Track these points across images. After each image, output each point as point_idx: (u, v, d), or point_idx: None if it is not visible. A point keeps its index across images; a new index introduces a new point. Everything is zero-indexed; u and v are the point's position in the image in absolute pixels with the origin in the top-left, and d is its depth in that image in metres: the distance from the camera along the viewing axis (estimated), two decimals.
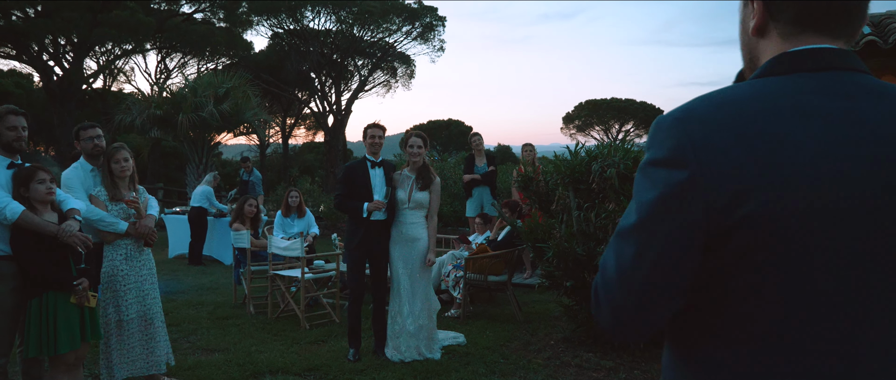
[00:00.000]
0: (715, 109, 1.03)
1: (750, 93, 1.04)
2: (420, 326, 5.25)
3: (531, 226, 5.86)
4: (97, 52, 24.24)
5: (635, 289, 1.05)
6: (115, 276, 4.29)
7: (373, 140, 5.34)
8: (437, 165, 15.63)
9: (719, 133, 1.00)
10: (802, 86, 1.03)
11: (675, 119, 1.04)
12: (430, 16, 28.48)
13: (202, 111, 15.05)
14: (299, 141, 36.92)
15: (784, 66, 1.06)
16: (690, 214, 1.00)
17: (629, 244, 1.05)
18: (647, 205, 1.04)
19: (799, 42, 1.07)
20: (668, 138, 1.03)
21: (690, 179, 0.99)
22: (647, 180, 1.05)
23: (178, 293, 8.14)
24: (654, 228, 1.03)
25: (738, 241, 0.99)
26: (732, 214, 0.98)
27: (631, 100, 43.48)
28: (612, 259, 1.09)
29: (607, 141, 28.23)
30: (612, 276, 1.08)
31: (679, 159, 1.00)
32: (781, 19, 1.08)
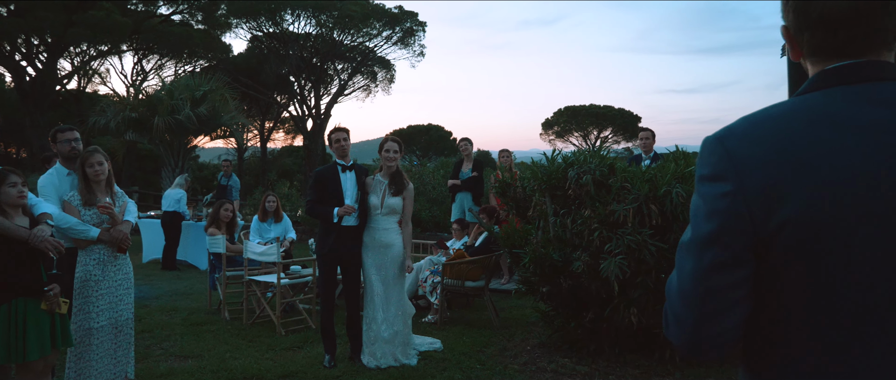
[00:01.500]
0: (752, 126, 1.12)
1: (786, 109, 1.12)
2: (395, 332, 5.24)
3: (508, 232, 5.88)
4: (72, 53, 23.92)
5: (696, 301, 1.11)
6: (88, 281, 4.21)
7: (339, 144, 5.30)
8: (417, 170, 15.61)
9: (756, 146, 1.08)
10: (838, 98, 1.10)
11: (717, 138, 1.13)
12: (411, 21, 28.49)
13: (179, 114, 14.90)
14: (278, 145, 36.69)
15: (823, 81, 1.13)
16: (736, 225, 1.07)
17: (687, 259, 1.13)
18: (698, 219, 1.12)
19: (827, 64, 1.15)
20: (711, 156, 1.12)
21: (732, 190, 1.07)
22: (697, 197, 1.15)
23: (151, 299, 8.04)
24: (706, 239, 1.10)
25: (781, 247, 1.06)
26: (772, 219, 1.05)
27: (609, 106, 43.84)
28: (674, 277, 1.17)
29: (586, 147, 28.39)
30: (674, 292, 1.15)
31: (721, 173, 1.09)
32: (806, 51, 1.18)
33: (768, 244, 1.07)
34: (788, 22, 1.18)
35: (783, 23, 1.20)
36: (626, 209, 4.68)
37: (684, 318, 1.13)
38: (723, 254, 1.08)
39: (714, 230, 1.09)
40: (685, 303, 1.12)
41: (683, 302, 1.13)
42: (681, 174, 4.78)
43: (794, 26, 1.16)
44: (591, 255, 4.80)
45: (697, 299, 1.11)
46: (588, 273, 4.83)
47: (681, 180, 4.72)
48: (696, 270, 1.11)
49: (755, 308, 1.12)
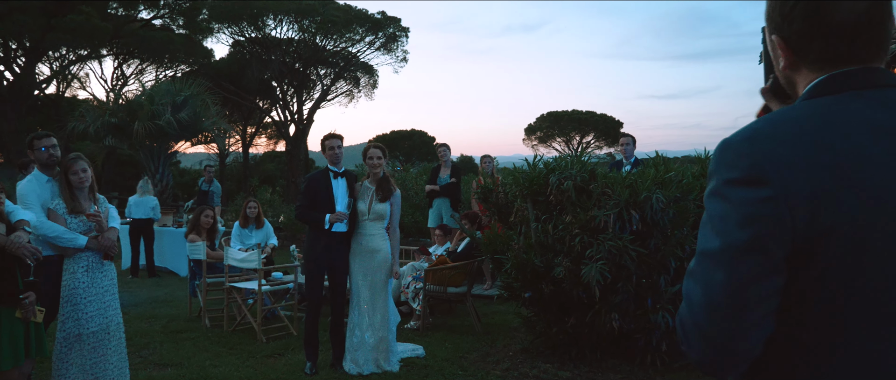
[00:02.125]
0: (779, 128, 1.07)
1: (810, 112, 1.08)
2: (379, 338, 5.22)
3: (490, 237, 5.89)
4: (50, 57, 23.64)
5: (729, 316, 1.04)
6: (76, 288, 4.15)
7: (332, 151, 5.30)
8: (400, 175, 15.60)
9: (793, 149, 1.03)
10: (860, 102, 1.07)
11: (746, 139, 1.07)
12: (394, 26, 28.49)
13: (159, 119, 14.76)
14: (260, 150, 36.51)
15: (835, 85, 1.10)
16: (776, 231, 1.01)
17: (717, 270, 1.05)
18: (730, 226, 1.04)
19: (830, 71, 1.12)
20: (741, 157, 1.05)
21: (773, 195, 1.01)
22: (725, 202, 1.06)
23: (131, 306, 7.94)
24: (742, 249, 1.02)
25: (822, 255, 1.01)
26: (815, 228, 1.00)
27: (591, 112, 44.08)
28: (697, 289, 1.08)
29: (569, 152, 28.48)
30: (701, 305, 1.07)
31: (758, 177, 1.02)
32: (808, 59, 1.14)
33: (809, 253, 1.02)
34: (791, 31, 1.13)
35: (773, 32, 1.17)
36: (606, 215, 4.71)
37: (713, 333, 1.05)
38: (763, 263, 1.02)
39: (753, 237, 1.01)
40: (715, 317, 1.05)
41: (713, 316, 1.05)
42: (661, 180, 4.83)
43: (803, 35, 1.11)
44: (573, 260, 4.83)
45: (732, 313, 1.04)
46: (569, 279, 4.85)
47: (661, 186, 4.76)
48: (730, 281, 1.03)
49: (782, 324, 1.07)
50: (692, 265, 1.10)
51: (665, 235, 4.79)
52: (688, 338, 1.10)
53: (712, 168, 1.10)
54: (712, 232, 1.06)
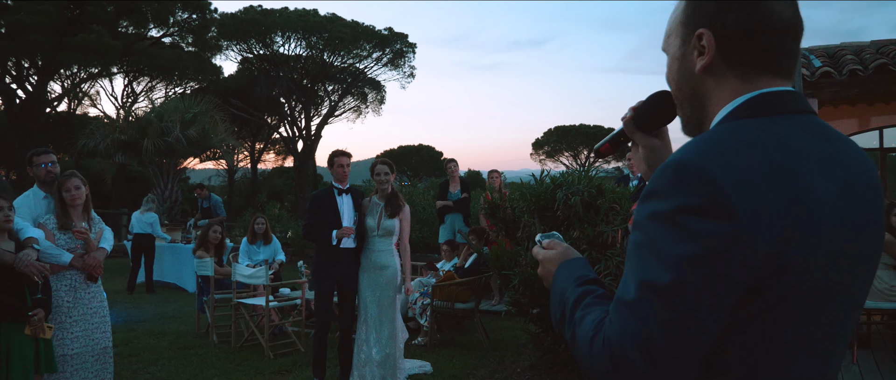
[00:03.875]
0: (743, 151, 0.97)
1: (764, 135, 1.00)
2: (387, 355, 5.20)
3: (497, 253, 5.88)
4: (62, 75, 23.88)
5: (670, 359, 0.93)
6: (60, 307, 4.11)
7: (340, 168, 5.32)
8: (407, 190, 15.61)
9: (756, 179, 0.93)
10: (796, 128, 1.02)
11: (711, 161, 0.95)
12: (401, 42, 28.66)
13: (168, 136, 14.88)
14: (268, 166, 36.63)
15: (769, 106, 1.04)
16: (736, 271, 0.91)
17: (662, 308, 0.93)
18: (684, 261, 0.92)
19: (758, 84, 1.06)
20: (705, 183, 0.93)
21: (737, 230, 0.90)
22: (678, 231, 0.93)
23: (139, 322, 7.96)
24: (695, 288, 0.91)
25: (770, 292, 0.95)
26: (774, 265, 0.93)
27: (599, 126, 44.07)
28: (636, 324, 0.95)
29: (576, 167, 28.41)
30: (637, 343, 0.94)
31: (722, 208, 0.91)
32: (737, 61, 1.06)
33: (758, 290, 0.94)
34: (728, 22, 1.05)
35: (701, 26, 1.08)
36: (614, 230, 4.69)
37: (651, 375, 0.94)
38: (715, 305, 0.92)
39: (710, 276, 0.91)
40: (653, 358, 0.93)
41: (651, 356, 0.93)
42: None
43: (741, 28, 1.04)
44: None
45: (674, 357, 0.93)
46: None
47: None
48: (678, 323, 0.92)
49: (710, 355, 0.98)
50: (629, 295, 0.97)
51: None
52: (613, 371, 0.97)
53: (662, 187, 0.97)
54: (658, 262, 0.94)
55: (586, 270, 1.22)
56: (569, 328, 1.11)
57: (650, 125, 1.27)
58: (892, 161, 10.23)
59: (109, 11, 22.49)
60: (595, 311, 1.07)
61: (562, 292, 1.19)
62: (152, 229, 10.75)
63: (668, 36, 1.17)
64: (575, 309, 1.11)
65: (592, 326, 1.04)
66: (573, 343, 1.09)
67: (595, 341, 1.01)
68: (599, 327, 1.02)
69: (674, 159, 0.98)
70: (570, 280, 1.19)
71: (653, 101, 1.25)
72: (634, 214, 1.04)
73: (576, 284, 1.17)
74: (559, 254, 1.30)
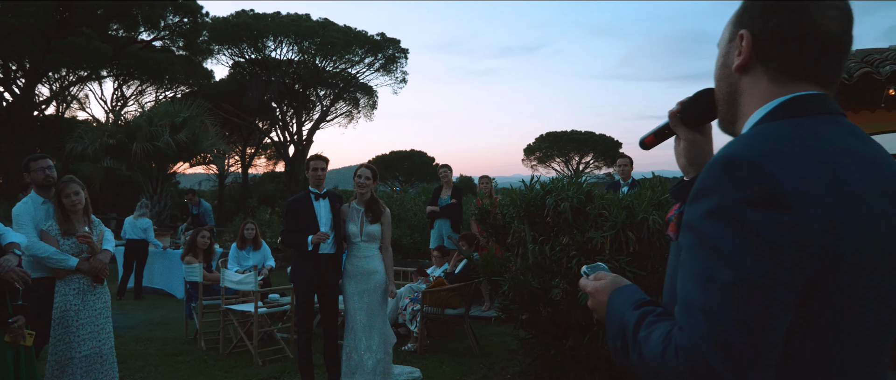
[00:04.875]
0: (791, 146, 0.99)
1: (802, 133, 1.02)
2: (377, 361, 5.16)
3: (488, 259, 5.86)
4: (50, 78, 23.72)
5: (749, 357, 0.92)
6: (68, 311, 4.16)
7: (316, 172, 5.28)
8: (398, 196, 15.58)
9: (810, 171, 0.96)
10: (837, 128, 1.05)
11: (763, 155, 0.97)
12: (393, 48, 28.69)
13: (158, 141, 14.79)
14: (259, 171, 36.52)
15: (809, 107, 1.06)
16: (799, 258, 0.93)
17: (736, 305, 0.92)
18: (745, 255, 0.92)
19: (791, 89, 1.09)
20: (759, 175, 0.94)
21: (795, 220, 0.92)
22: (736, 225, 0.94)
23: (126, 329, 7.88)
24: (763, 281, 0.92)
25: (825, 287, 0.96)
26: (829, 257, 0.94)
27: (590, 132, 44.24)
28: (707, 325, 0.94)
29: (568, 173, 28.50)
30: (714, 345, 0.93)
31: (779, 199, 0.93)
32: (772, 66, 1.09)
33: (815, 284, 0.95)
34: (766, 27, 1.08)
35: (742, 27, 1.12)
36: (603, 236, 4.68)
37: (737, 377, 0.92)
38: (784, 297, 0.92)
39: (776, 268, 0.91)
40: (735, 358, 0.91)
41: (732, 357, 0.91)
42: (657, 201, 4.81)
43: (779, 34, 1.07)
44: (570, 282, 4.79)
45: (757, 352, 0.92)
46: (567, 300, 4.81)
47: (657, 207, 4.74)
48: (754, 317, 0.91)
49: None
50: (695, 299, 0.97)
51: (662, 257, 4.76)
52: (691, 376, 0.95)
53: (712, 184, 0.98)
54: (718, 259, 0.94)
55: (640, 295, 1.20)
56: (634, 351, 1.08)
57: (695, 120, 1.32)
58: None
59: (99, 14, 22.38)
60: (660, 326, 1.05)
61: (620, 318, 1.16)
62: (146, 235, 10.68)
63: (723, 32, 1.21)
64: (637, 330, 1.09)
65: (661, 340, 1.02)
66: (641, 364, 1.06)
67: (667, 354, 0.99)
68: (668, 339, 1.00)
69: (722, 155, 0.99)
70: (627, 305, 1.17)
71: (698, 97, 1.29)
72: (684, 216, 1.04)
73: (633, 307, 1.15)
74: (609, 284, 1.29)
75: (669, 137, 1.40)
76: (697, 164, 1.32)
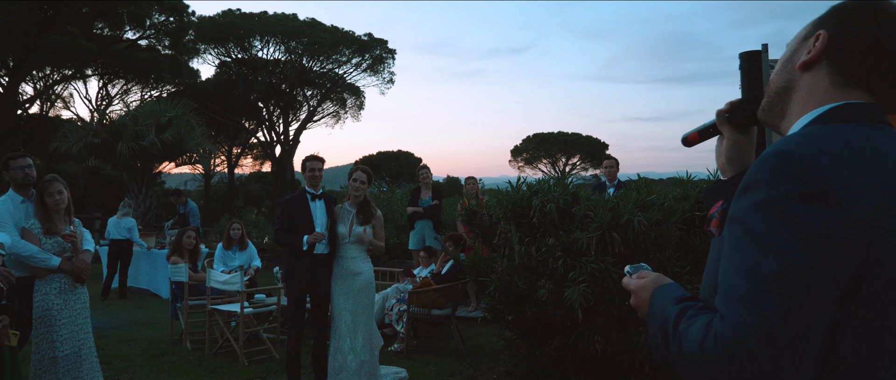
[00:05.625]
0: (839, 145, 1.01)
1: (856, 135, 1.05)
2: (362, 362, 5.17)
3: (474, 259, 5.88)
4: (34, 77, 23.47)
5: (791, 348, 0.94)
6: (50, 310, 4.14)
7: (312, 173, 5.29)
8: (385, 196, 15.57)
9: (858, 170, 0.98)
10: (884, 135, 1.08)
11: (813, 152, 0.99)
12: (381, 48, 28.65)
13: (143, 140, 14.69)
14: (246, 171, 36.33)
15: (858, 114, 1.10)
16: (845, 256, 0.95)
17: (779, 295, 0.94)
18: (793, 247, 0.94)
19: (847, 95, 1.12)
20: (809, 171, 0.97)
21: (843, 216, 0.94)
22: (784, 218, 0.96)
23: (111, 329, 7.83)
24: (808, 273, 0.94)
25: (868, 286, 0.97)
26: (875, 254, 0.96)
27: (577, 134, 44.42)
28: (750, 315, 0.96)
29: (554, 174, 28.58)
30: (756, 334, 0.94)
31: (828, 194, 0.95)
32: (838, 69, 1.13)
33: (859, 281, 0.97)
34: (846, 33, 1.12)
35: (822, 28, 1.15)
36: (589, 237, 4.72)
37: (774, 366, 0.93)
38: (828, 290, 0.94)
39: (822, 261, 0.93)
40: (775, 349, 0.93)
41: (772, 346, 0.93)
42: (643, 203, 4.85)
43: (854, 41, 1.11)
44: (556, 283, 4.83)
45: (795, 345, 0.93)
46: (552, 301, 4.84)
47: (642, 209, 4.79)
48: (797, 307, 0.93)
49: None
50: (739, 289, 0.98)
51: (647, 258, 4.81)
52: (732, 369, 0.96)
53: (762, 178, 1.00)
54: (764, 251, 0.96)
55: (682, 291, 1.22)
56: (674, 343, 1.09)
57: (741, 121, 1.35)
58: None
59: (84, 13, 22.18)
60: (701, 318, 1.07)
61: (661, 313, 1.18)
62: (130, 235, 10.61)
63: (798, 32, 1.24)
64: (678, 323, 1.10)
65: (701, 330, 1.03)
66: (681, 357, 1.07)
67: (706, 343, 1.00)
68: (709, 328, 1.01)
69: (773, 151, 1.02)
70: (669, 301, 1.19)
71: (748, 98, 1.33)
72: (730, 210, 1.06)
73: (674, 302, 1.17)
74: (651, 281, 1.31)
75: (714, 136, 1.43)
76: (737, 164, 1.35)
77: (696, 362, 1.02)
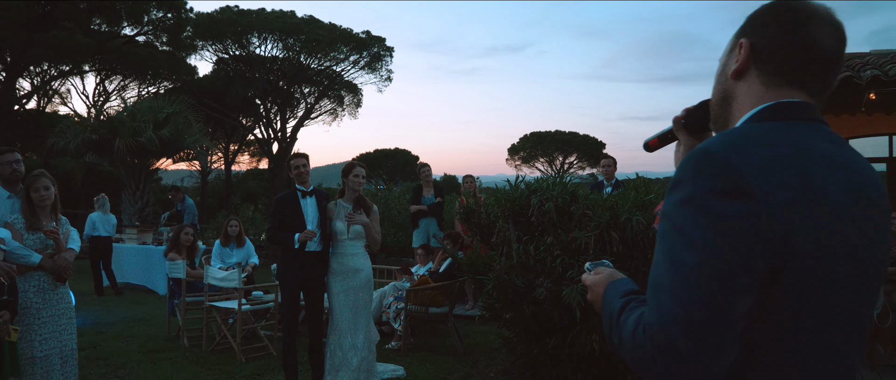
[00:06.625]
0: (757, 143, 1.07)
1: (777, 132, 1.10)
2: (362, 358, 5.18)
3: (472, 257, 5.89)
4: (32, 72, 23.41)
5: (709, 334, 0.99)
6: (28, 309, 4.05)
7: (298, 170, 5.27)
8: (382, 194, 15.56)
9: (773, 166, 1.03)
10: (810, 132, 1.13)
11: (730, 149, 1.04)
12: (378, 46, 28.65)
13: (140, 136, 14.68)
14: (243, 167, 36.30)
15: (785, 112, 1.15)
16: (758, 247, 0.99)
17: (695, 286, 0.99)
18: (710, 240, 0.99)
19: (780, 95, 1.17)
20: (725, 168, 1.02)
21: (756, 209, 0.99)
22: (703, 212, 1.01)
23: (108, 325, 7.83)
24: (724, 264, 0.98)
25: (786, 276, 1.02)
26: (789, 245, 1.00)
27: (574, 133, 44.46)
28: (673, 304, 1.01)
29: (551, 172, 28.62)
30: (677, 322, 1.00)
31: (742, 189, 1.00)
32: (765, 71, 1.18)
33: (777, 272, 1.01)
34: (764, 36, 1.17)
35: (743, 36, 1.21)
36: (587, 236, 4.73)
37: (690, 352, 0.99)
38: (743, 280, 0.99)
39: (736, 253, 0.98)
40: (695, 335, 0.98)
41: (692, 334, 0.98)
42: (641, 202, 4.87)
43: (774, 43, 1.16)
44: (554, 281, 4.84)
45: (713, 331, 0.99)
46: (550, 300, 4.85)
47: (641, 208, 4.80)
48: (712, 298, 0.98)
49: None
50: (662, 279, 1.04)
51: (645, 257, 4.82)
52: (657, 356, 1.02)
53: (686, 176, 1.06)
54: (686, 244, 1.02)
55: (631, 285, 1.29)
56: (616, 334, 1.16)
57: (695, 127, 1.41)
58: None
59: (82, 8, 22.14)
60: (637, 310, 1.13)
61: (609, 307, 1.24)
62: (113, 231, 10.64)
63: (726, 45, 1.29)
64: (620, 315, 1.17)
65: (635, 321, 1.10)
66: (621, 347, 1.13)
67: (637, 333, 1.07)
68: (640, 319, 1.08)
69: (697, 150, 1.08)
70: (616, 296, 1.25)
71: (701, 105, 1.38)
72: (662, 206, 1.12)
73: (620, 296, 1.23)
74: (605, 277, 1.37)
75: (672, 142, 1.49)
76: None
77: (632, 350, 1.08)
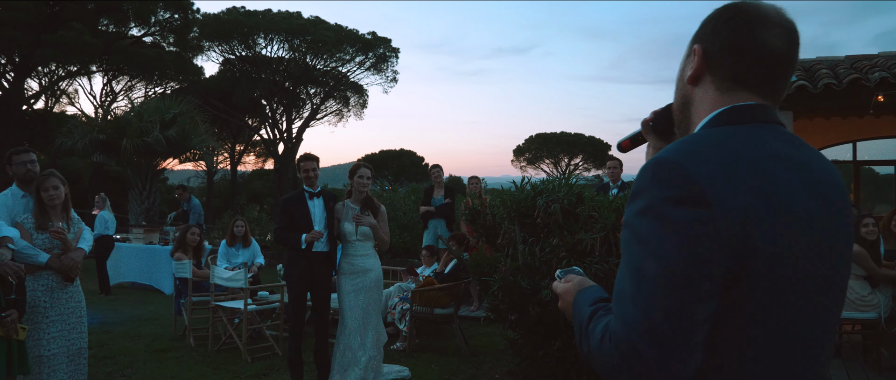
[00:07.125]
0: (713, 148, 1.07)
1: (733, 136, 1.11)
2: (370, 357, 5.18)
3: (477, 259, 5.89)
4: (40, 73, 23.52)
5: (671, 341, 0.99)
6: (37, 308, 4.07)
7: (307, 173, 5.29)
8: (388, 195, 15.58)
9: (728, 171, 1.03)
10: (765, 134, 1.13)
11: (684, 157, 1.05)
12: (384, 47, 28.68)
13: (147, 136, 14.74)
14: (248, 168, 36.39)
15: (740, 116, 1.15)
16: (718, 251, 0.99)
17: (656, 294, 1.00)
18: (668, 248, 1.00)
19: (736, 98, 1.17)
20: (680, 176, 1.03)
21: (711, 215, 0.99)
22: (661, 221, 1.02)
23: (115, 324, 7.87)
24: (682, 271, 0.99)
25: (747, 278, 1.02)
26: (748, 248, 1.01)
27: (580, 134, 44.36)
28: (635, 312, 1.02)
29: (557, 174, 28.55)
30: (640, 330, 1.00)
31: (697, 197, 1.00)
32: (719, 75, 1.18)
33: (736, 276, 1.01)
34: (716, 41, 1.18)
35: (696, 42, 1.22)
36: (593, 238, 4.73)
37: (654, 359, 0.99)
38: (702, 285, 0.99)
39: (693, 259, 0.99)
40: (657, 342, 0.99)
41: (654, 342, 0.99)
42: None
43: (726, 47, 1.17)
44: None
45: (675, 338, 0.99)
46: (556, 301, 4.85)
47: None
48: (672, 305, 0.99)
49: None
50: (625, 289, 1.05)
51: None
52: (623, 364, 1.03)
53: (642, 185, 1.07)
54: (646, 253, 1.02)
55: (600, 293, 1.29)
56: (585, 343, 1.16)
57: (663, 130, 1.42)
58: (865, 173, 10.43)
59: (90, 9, 22.26)
60: (605, 319, 1.14)
61: (579, 315, 1.25)
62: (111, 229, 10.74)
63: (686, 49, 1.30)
64: (588, 324, 1.17)
65: (601, 330, 1.10)
66: (590, 355, 1.14)
67: (603, 341, 1.08)
68: (606, 328, 1.09)
69: (654, 159, 1.08)
70: (585, 304, 1.25)
71: (666, 108, 1.40)
72: (624, 215, 1.12)
73: (588, 304, 1.23)
74: (575, 285, 1.37)
75: (643, 143, 1.50)
76: None
77: (600, 358, 1.09)
